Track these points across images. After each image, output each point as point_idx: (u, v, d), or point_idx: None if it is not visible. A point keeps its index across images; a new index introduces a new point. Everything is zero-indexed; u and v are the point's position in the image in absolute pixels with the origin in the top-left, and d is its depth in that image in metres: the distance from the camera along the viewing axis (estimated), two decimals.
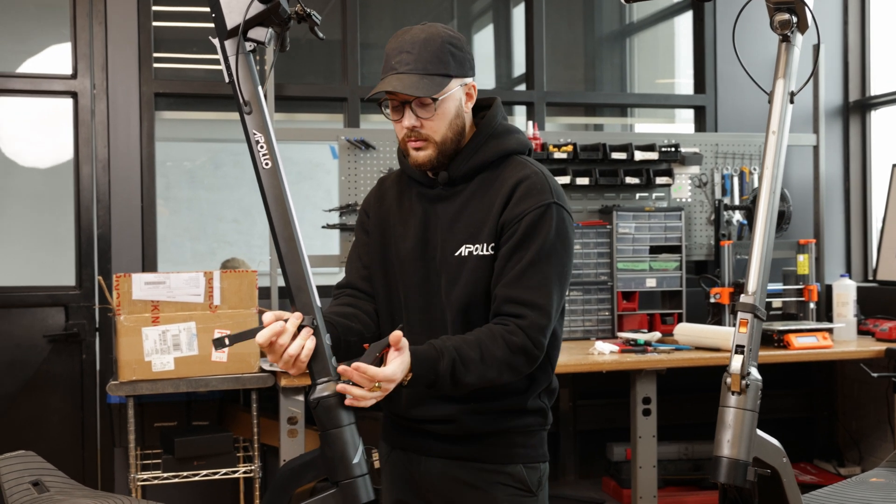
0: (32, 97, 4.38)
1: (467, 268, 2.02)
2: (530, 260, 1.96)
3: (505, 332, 1.93)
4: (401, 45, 2.01)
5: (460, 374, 1.89)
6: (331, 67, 4.91)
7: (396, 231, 2.13)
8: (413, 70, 1.97)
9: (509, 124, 2.13)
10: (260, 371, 3.58)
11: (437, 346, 1.89)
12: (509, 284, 1.96)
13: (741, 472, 1.85)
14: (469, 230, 2.03)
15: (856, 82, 5.17)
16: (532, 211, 1.98)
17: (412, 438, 2.12)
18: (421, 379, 1.86)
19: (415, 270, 2.08)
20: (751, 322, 1.93)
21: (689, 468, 4.48)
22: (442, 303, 2.04)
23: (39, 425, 4.16)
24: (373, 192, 2.25)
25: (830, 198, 5.09)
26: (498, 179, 2.05)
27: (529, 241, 1.97)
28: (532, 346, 1.94)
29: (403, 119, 2.01)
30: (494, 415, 2.05)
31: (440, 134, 2.02)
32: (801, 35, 2.11)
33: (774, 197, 2.03)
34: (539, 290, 1.95)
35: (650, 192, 4.67)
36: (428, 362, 1.86)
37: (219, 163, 6.84)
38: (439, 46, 1.99)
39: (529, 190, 2.00)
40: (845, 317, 4.27)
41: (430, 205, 2.10)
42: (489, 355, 1.91)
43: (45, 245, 4.70)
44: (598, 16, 5.87)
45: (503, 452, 2.07)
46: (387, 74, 2.00)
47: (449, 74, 2.00)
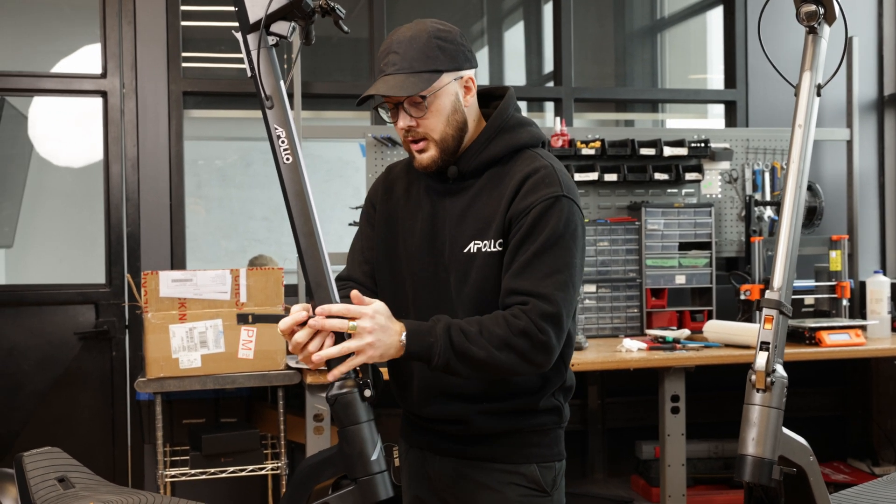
0: (64, 97, 4.43)
1: (476, 265, 1.97)
2: (535, 251, 1.89)
3: (507, 315, 1.86)
4: (388, 46, 1.96)
5: (461, 344, 1.82)
6: (358, 65, 4.92)
7: (405, 225, 2.09)
8: (399, 70, 1.92)
9: (522, 117, 2.07)
10: (286, 368, 3.58)
11: (434, 318, 1.86)
12: (513, 276, 1.91)
13: (766, 471, 1.82)
14: (477, 226, 1.98)
15: (891, 76, 5.08)
16: (540, 203, 1.92)
17: (427, 437, 2.11)
18: (415, 343, 1.80)
19: (423, 266, 2.04)
20: (776, 318, 1.90)
21: (719, 467, 4.43)
22: (452, 300, 2.00)
23: (70, 422, 4.21)
24: (380, 181, 2.19)
25: (865, 193, 5.01)
26: (507, 175, 1.99)
27: (536, 233, 1.91)
28: (535, 329, 1.84)
29: (399, 121, 1.97)
30: (506, 415, 2.01)
31: (438, 131, 1.97)
32: (828, 27, 2.08)
33: (801, 191, 1.99)
34: (543, 280, 1.88)
35: (679, 187, 4.62)
36: (424, 328, 1.82)
37: (249, 161, 6.88)
38: (425, 42, 1.94)
39: (538, 183, 1.94)
40: (879, 314, 4.20)
41: (438, 199, 2.05)
42: (488, 332, 1.84)
43: (77, 243, 4.76)
44: (629, 11, 5.83)
45: (517, 452, 2.03)
46: (377, 77, 1.97)
47: (438, 70, 1.94)
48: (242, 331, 3.51)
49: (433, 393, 2.03)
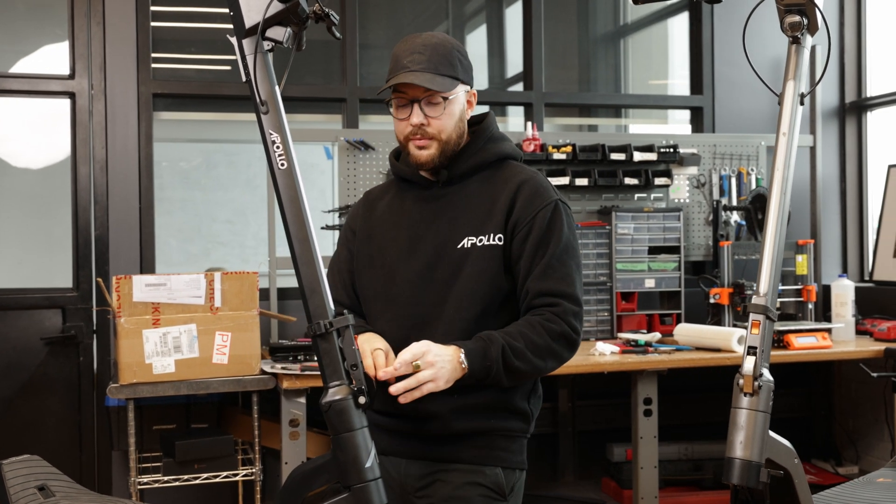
0: (29, 97, 4.35)
1: (471, 258, 2.09)
2: (553, 254, 2.07)
3: (543, 321, 2.03)
4: (412, 47, 2.09)
5: (511, 362, 1.99)
6: (328, 68, 4.90)
7: (388, 235, 2.19)
8: (426, 69, 2.06)
9: (503, 134, 2.26)
10: (261, 373, 3.56)
11: (483, 337, 2.01)
12: (538, 279, 2.06)
13: (754, 474, 1.85)
14: (472, 223, 2.11)
15: (852, 83, 5.19)
16: (543, 208, 2.10)
17: (394, 441, 2.14)
18: (476, 364, 1.97)
19: (407, 267, 2.13)
20: (763, 323, 1.93)
21: (689, 468, 4.49)
22: (438, 296, 2.09)
23: (36, 428, 4.13)
24: (359, 206, 2.31)
25: (827, 198, 5.11)
26: (498, 178, 2.16)
27: (549, 238, 2.08)
28: (570, 330, 2.05)
29: (411, 116, 2.08)
30: (479, 414, 2.08)
31: (446, 133, 2.10)
32: (810, 37, 2.11)
33: (785, 198, 2.02)
34: (566, 281, 2.07)
35: (649, 192, 4.67)
36: (478, 349, 1.98)
37: (213, 163, 6.82)
38: (449, 51, 2.10)
39: (535, 189, 2.12)
40: (844, 317, 4.28)
41: (424, 204, 2.17)
42: (533, 344, 2.01)
43: (41, 247, 4.67)
44: (593, 17, 5.87)
45: (483, 454, 2.10)
46: (398, 72, 2.07)
47: (457, 78, 2.11)
48: (217, 335, 3.48)
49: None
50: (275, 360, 3.71)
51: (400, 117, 2.11)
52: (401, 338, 2.04)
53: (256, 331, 3.56)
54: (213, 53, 5.05)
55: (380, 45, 5.28)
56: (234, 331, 3.50)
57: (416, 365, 1.92)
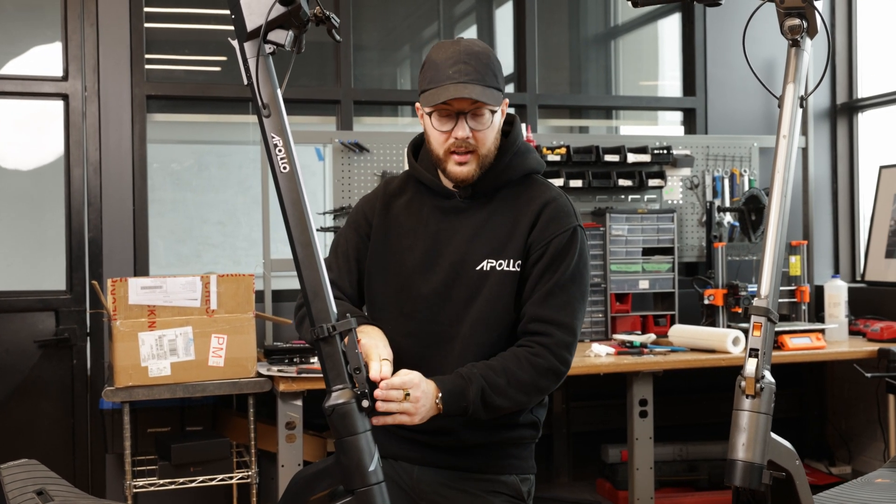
0: (22, 99, 4.33)
1: (490, 282, 2.04)
2: (557, 281, 2.02)
3: (529, 355, 1.99)
4: (456, 56, 2.00)
5: (490, 399, 1.95)
6: (322, 70, 4.89)
7: (405, 242, 2.12)
8: (475, 81, 1.98)
9: (528, 143, 2.18)
10: (257, 376, 3.55)
11: (463, 374, 1.96)
12: (536, 303, 2.02)
13: (756, 476, 1.85)
14: (492, 245, 2.06)
15: (843, 85, 5.21)
16: (559, 234, 2.05)
17: (405, 447, 2.13)
18: (452, 406, 1.93)
19: (424, 282, 2.08)
20: (764, 325, 1.93)
21: (685, 469, 4.50)
22: (455, 315, 2.06)
23: (30, 432, 4.11)
24: (377, 194, 2.21)
25: (818, 199, 5.13)
26: (521, 197, 2.10)
27: (557, 264, 2.03)
28: (558, 364, 2.01)
29: (456, 129, 2.00)
30: (489, 428, 2.07)
31: (486, 147, 2.04)
32: (810, 40, 2.12)
33: (786, 200, 2.03)
34: (564, 309, 2.02)
35: (642, 194, 4.68)
36: (456, 387, 1.93)
37: (204, 165, 6.79)
38: (492, 62, 2.03)
39: (556, 213, 2.07)
40: (837, 317, 4.30)
41: (443, 216, 2.11)
42: (515, 380, 1.97)
43: (34, 249, 4.64)
44: (584, 18, 5.88)
45: (498, 463, 2.10)
46: (443, 83, 1.98)
47: (501, 89, 2.05)
48: (213, 338, 3.47)
49: None
50: (270, 362, 3.70)
51: (442, 129, 2.02)
52: (419, 354, 2.02)
53: (252, 333, 3.54)
54: (207, 55, 5.04)
55: (372, 47, 5.27)
56: (230, 333, 3.49)
57: (406, 394, 1.87)
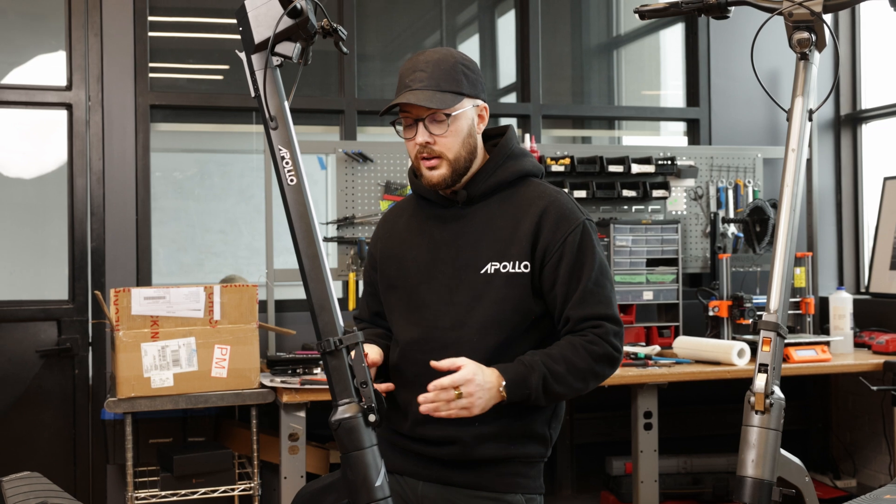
0: (26, 108, 4.32)
1: (495, 285, 2.04)
2: (589, 279, 2.04)
3: (585, 343, 2.02)
4: (414, 65, 2.05)
5: (552, 387, 1.98)
6: (326, 80, 4.88)
7: (408, 255, 2.15)
8: (427, 86, 2.01)
9: (524, 149, 2.19)
10: (260, 387, 3.53)
11: (525, 362, 1.98)
12: (577, 306, 2.04)
13: (766, 493, 1.84)
14: (495, 247, 2.06)
15: (846, 96, 5.20)
16: (572, 232, 2.05)
17: (410, 462, 2.11)
18: (515, 394, 1.95)
19: (428, 290, 2.10)
20: (774, 340, 1.93)
21: (689, 482, 4.47)
22: (460, 320, 2.05)
23: (31, 442, 4.09)
24: (379, 228, 2.28)
25: (823, 211, 5.12)
26: (519, 198, 2.10)
27: (582, 262, 2.05)
28: (613, 350, 2.04)
29: (416, 136, 2.04)
30: (499, 440, 2.04)
31: (453, 151, 2.05)
32: (818, 53, 2.12)
33: (794, 214, 2.02)
34: (605, 303, 2.06)
35: (646, 204, 4.67)
36: (519, 376, 1.96)
37: (206, 173, 6.78)
38: (452, 66, 2.05)
39: (562, 212, 2.07)
40: (842, 329, 4.28)
41: (443, 224, 2.13)
42: (575, 367, 2.00)
43: (36, 258, 4.63)
44: (586, 28, 5.88)
45: (504, 481, 2.07)
46: (401, 92, 2.04)
47: (462, 93, 2.05)
48: (216, 349, 3.45)
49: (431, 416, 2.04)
50: (273, 373, 3.69)
51: (407, 137, 2.07)
52: (425, 361, 2.01)
53: (256, 344, 3.53)
54: (209, 64, 5.03)
55: (376, 57, 5.27)
56: (233, 344, 3.47)
57: (457, 393, 1.90)
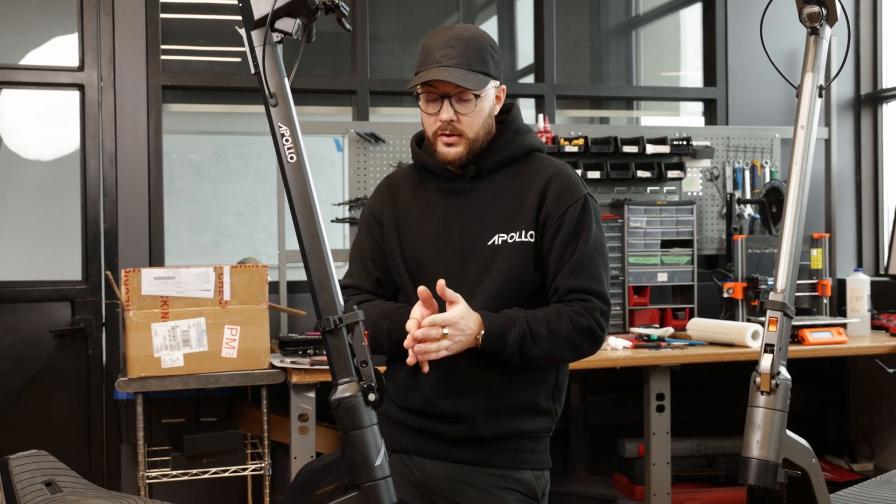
0: (39, 90, 4.33)
1: (502, 255, 2.07)
2: (582, 251, 2.06)
3: (571, 312, 2.02)
4: (445, 41, 2.05)
5: (528, 347, 1.98)
6: (339, 60, 4.86)
7: (415, 228, 2.15)
8: (459, 64, 2.02)
9: (529, 125, 2.23)
10: (270, 367, 3.53)
11: (509, 316, 1.99)
12: (567, 276, 2.05)
13: (771, 474, 1.81)
14: (502, 219, 2.09)
15: (867, 75, 5.13)
16: (573, 204, 2.08)
17: (418, 441, 2.12)
18: (491, 342, 1.96)
19: (436, 264, 2.10)
20: (780, 320, 1.89)
21: (703, 464, 4.45)
22: (470, 292, 2.05)
23: (45, 421, 4.12)
24: (381, 192, 2.25)
25: (841, 191, 5.05)
26: (526, 172, 2.13)
27: (578, 234, 2.06)
28: (596, 327, 2.03)
29: (441, 112, 2.05)
30: (505, 417, 2.07)
31: (474, 131, 2.08)
32: (829, 28, 2.07)
33: (803, 192, 1.99)
34: (595, 279, 2.06)
35: (661, 185, 4.62)
36: (499, 328, 1.97)
37: (223, 155, 6.80)
38: (482, 46, 2.06)
39: (565, 184, 2.10)
40: (859, 311, 4.23)
41: (450, 197, 2.14)
42: (556, 332, 2.00)
43: (50, 239, 4.66)
44: (605, 8, 5.82)
45: (512, 457, 2.09)
46: (429, 66, 2.04)
47: (489, 74, 2.07)
48: (226, 329, 3.46)
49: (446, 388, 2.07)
50: (284, 353, 3.69)
51: (429, 112, 2.08)
52: None
53: (266, 325, 3.53)
54: (223, 45, 5.02)
55: (390, 37, 5.24)
56: (243, 324, 3.48)
57: (444, 333, 1.92)
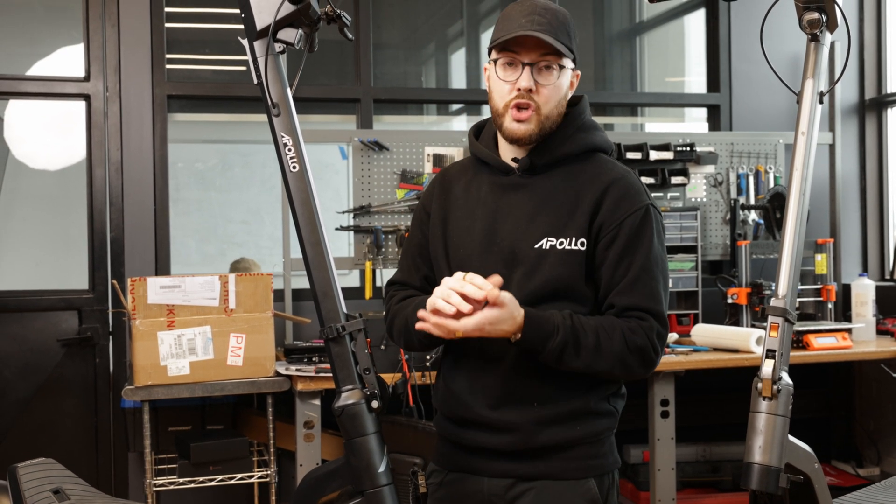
0: (45, 100, 4.36)
1: (549, 261, 1.93)
2: (641, 266, 1.92)
3: (626, 328, 1.89)
4: (532, 8, 1.94)
5: (569, 357, 1.87)
6: (342, 68, 4.89)
7: (462, 224, 2.04)
8: (548, 32, 1.91)
9: (596, 122, 2.08)
10: (276, 375, 3.55)
11: (555, 322, 1.87)
12: (623, 293, 1.92)
13: (773, 479, 1.82)
14: (552, 223, 1.95)
15: (872, 80, 5.13)
16: (632, 214, 1.94)
17: (472, 458, 2.01)
18: (528, 343, 1.86)
19: (482, 263, 1.98)
20: (782, 326, 1.90)
21: (707, 470, 4.45)
22: (514, 296, 1.91)
23: (53, 430, 4.14)
24: (435, 184, 2.14)
25: (846, 196, 5.05)
26: (584, 174, 1.99)
27: (636, 247, 1.93)
28: (650, 348, 1.90)
29: (520, 79, 1.92)
30: (561, 423, 1.94)
31: (549, 106, 1.95)
32: (829, 34, 2.08)
33: (804, 198, 2.00)
34: (653, 298, 1.93)
35: (665, 191, 4.63)
36: (541, 331, 1.86)
37: (228, 164, 6.82)
38: (566, 21, 1.97)
39: (626, 191, 1.96)
40: (864, 316, 4.23)
41: (502, 193, 2.01)
42: (605, 346, 1.88)
43: (57, 248, 4.68)
44: (608, 14, 5.83)
45: (573, 467, 1.96)
46: (515, 31, 1.91)
47: (571, 49, 1.97)
48: (231, 337, 3.48)
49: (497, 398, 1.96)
50: (289, 361, 3.71)
51: (506, 79, 1.93)
52: (479, 338, 1.90)
53: (271, 332, 3.55)
54: (228, 54, 5.05)
55: (394, 45, 5.26)
56: (248, 332, 3.49)
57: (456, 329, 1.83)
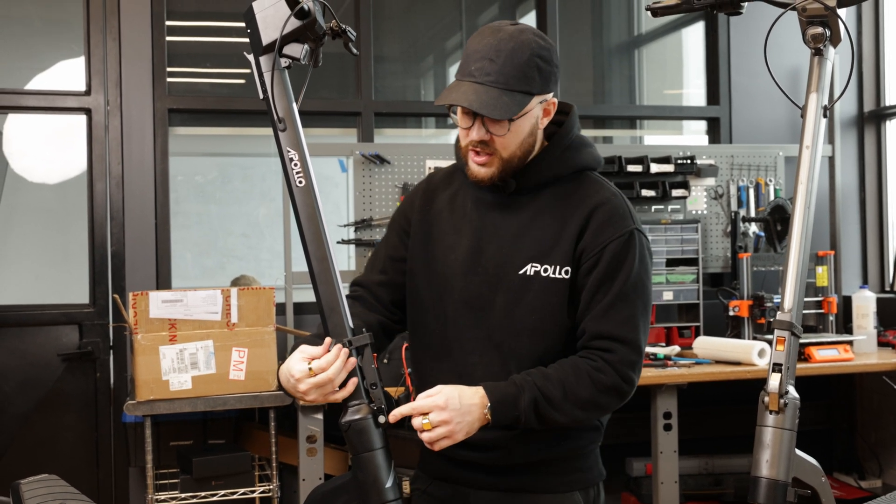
0: (46, 114, 4.37)
1: (534, 289, 1.88)
2: (617, 293, 1.85)
3: (592, 370, 1.83)
4: (485, 50, 1.81)
5: (545, 411, 1.80)
6: (343, 82, 4.89)
7: (446, 240, 1.97)
8: (494, 83, 1.79)
9: (584, 137, 2.00)
10: (278, 389, 3.54)
11: (517, 382, 1.81)
12: (596, 319, 1.85)
13: (781, 493, 1.81)
14: (537, 247, 1.89)
15: (870, 92, 5.15)
16: (615, 240, 1.86)
17: (458, 469, 1.97)
18: (502, 416, 1.79)
19: (465, 285, 1.92)
20: (788, 340, 1.89)
21: (710, 483, 4.44)
22: (498, 323, 1.90)
23: (53, 445, 4.13)
24: (418, 191, 2.06)
25: (846, 208, 5.06)
26: (572, 197, 1.91)
27: (615, 274, 1.85)
28: (622, 382, 1.84)
29: (472, 131, 1.84)
30: (544, 438, 1.90)
31: (509, 151, 1.86)
32: (833, 48, 2.08)
33: (809, 212, 1.99)
34: (627, 325, 1.85)
35: (666, 204, 4.64)
36: (507, 396, 1.79)
37: (228, 177, 6.83)
38: (527, 60, 1.81)
39: (610, 216, 1.88)
40: (865, 328, 4.23)
41: (487, 212, 1.94)
42: (572, 394, 1.81)
43: (57, 262, 4.68)
44: (607, 26, 5.85)
45: (556, 481, 1.94)
46: (463, 79, 1.82)
47: (531, 92, 1.83)
48: (234, 351, 3.47)
49: None
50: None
51: (462, 125, 1.87)
52: (462, 363, 1.90)
53: (273, 346, 3.54)
54: (228, 68, 5.06)
55: (394, 59, 5.27)
56: (250, 347, 3.49)
57: (425, 423, 1.74)
